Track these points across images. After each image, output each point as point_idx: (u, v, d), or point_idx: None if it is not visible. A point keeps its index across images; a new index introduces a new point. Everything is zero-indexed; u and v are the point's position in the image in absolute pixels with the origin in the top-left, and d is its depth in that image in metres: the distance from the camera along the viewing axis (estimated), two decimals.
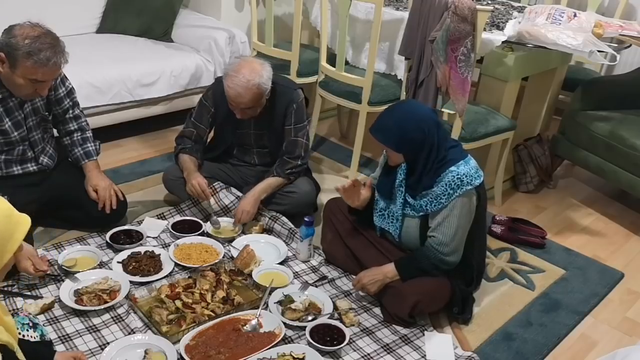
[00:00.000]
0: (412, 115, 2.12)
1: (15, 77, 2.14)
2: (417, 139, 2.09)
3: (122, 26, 3.83)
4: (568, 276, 2.67)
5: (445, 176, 2.10)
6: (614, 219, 3.21)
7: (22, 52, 2.08)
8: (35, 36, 2.10)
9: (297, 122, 2.68)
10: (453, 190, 2.09)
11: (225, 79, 2.49)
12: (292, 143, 2.69)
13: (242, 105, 2.50)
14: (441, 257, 2.15)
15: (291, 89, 2.68)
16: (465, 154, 2.18)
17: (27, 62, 2.09)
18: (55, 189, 2.47)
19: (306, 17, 3.74)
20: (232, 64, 2.53)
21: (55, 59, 2.13)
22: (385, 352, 2.10)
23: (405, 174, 2.19)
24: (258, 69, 2.49)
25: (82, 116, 2.59)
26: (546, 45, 2.74)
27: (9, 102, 2.26)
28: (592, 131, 3.19)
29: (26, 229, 1.40)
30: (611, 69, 4.18)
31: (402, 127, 2.09)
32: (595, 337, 2.35)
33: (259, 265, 2.43)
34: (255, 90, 2.47)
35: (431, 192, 2.13)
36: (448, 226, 2.12)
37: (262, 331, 2.08)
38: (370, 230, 2.42)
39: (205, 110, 2.73)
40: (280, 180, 2.69)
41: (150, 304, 2.15)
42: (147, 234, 2.58)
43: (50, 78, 2.20)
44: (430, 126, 2.10)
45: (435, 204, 2.13)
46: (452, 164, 2.11)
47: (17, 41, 2.08)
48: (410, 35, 2.88)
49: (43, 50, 2.09)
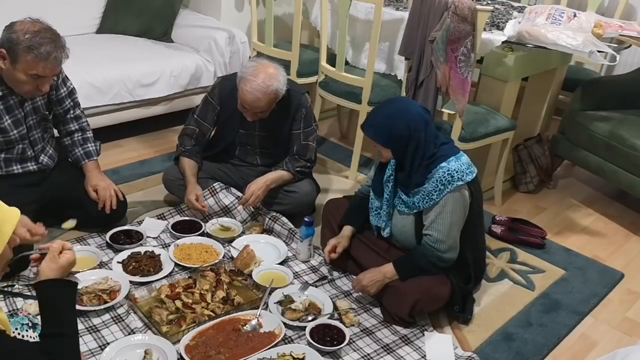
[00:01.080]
0: (400, 112, 2.14)
1: (16, 73, 2.14)
2: (404, 135, 2.12)
3: (122, 26, 3.83)
4: (568, 276, 2.67)
5: (435, 172, 2.12)
6: (614, 219, 3.21)
7: (23, 47, 2.09)
8: (35, 31, 2.11)
9: (307, 127, 2.70)
10: (444, 186, 2.10)
11: (241, 82, 2.48)
12: (303, 147, 2.70)
13: (257, 109, 2.51)
14: (438, 255, 2.16)
15: (299, 93, 2.68)
16: (457, 150, 2.20)
17: (28, 57, 2.09)
18: (55, 189, 2.47)
19: (306, 17, 3.74)
20: (249, 68, 2.51)
21: (56, 54, 2.14)
22: (385, 352, 2.10)
23: (394, 169, 2.21)
24: (275, 73, 2.50)
25: (82, 116, 2.60)
26: (546, 45, 2.74)
27: (10, 100, 2.26)
28: (592, 131, 3.19)
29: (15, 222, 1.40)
30: (611, 69, 4.18)
31: (389, 123, 2.12)
32: (595, 337, 2.35)
33: (259, 266, 2.43)
34: (273, 96, 2.49)
35: (423, 188, 2.15)
36: (441, 223, 2.14)
37: (262, 331, 2.08)
38: (368, 232, 2.43)
39: (211, 108, 2.73)
40: (289, 175, 2.69)
41: (150, 304, 2.15)
42: (147, 234, 2.58)
43: (51, 73, 2.19)
44: (417, 123, 2.12)
45: (427, 200, 2.15)
46: (443, 160, 2.13)
47: (17, 36, 2.09)
48: (410, 35, 2.88)
49: (44, 44, 2.10)
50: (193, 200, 2.61)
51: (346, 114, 3.88)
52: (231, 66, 3.69)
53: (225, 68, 3.67)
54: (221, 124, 2.76)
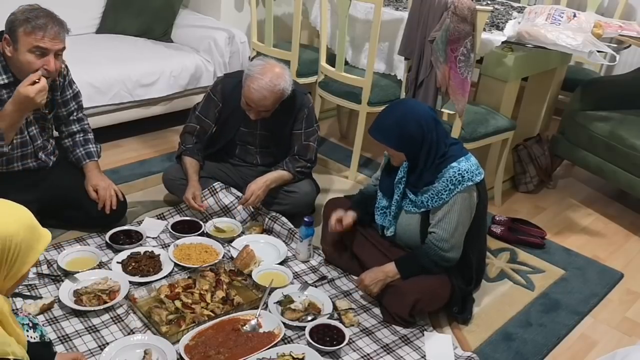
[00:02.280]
0: (410, 114, 2.13)
1: (20, 56, 2.15)
2: (417, 136, 2.10)
3: (121, 26, 3.83)
4: (568, 276, 2.67)
5: (446, 172, 2.11)
6: (614, 219, 3.21)
7: (20, 21, 2.13)
8: (31, 8, 2.17)
9: (308, 127, 2.70)
10: (454, 185, 2.10)
11: (248, 80, 2.49)
12: (304, 147, 2.70)
13: (262, 108, 2.51)
14: (441, 254, 2.16)
15: (302, 93, 2.69)
16: (466, 151, 2.19)
17: (27, 28, 2.12)
18: (55, 189, 2.46)
19: (306, 17, 3.74)
20: (256, 66, 2.51)
21: (53, 25, 2.16)
22: (385, 353, 2.10)
23: (406, 171, 2.20)
24: (282, 73, 2.51)
25: (84, 119, 2.61)
26: (546, 45, 2.74)
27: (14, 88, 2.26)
28: (591, 131, 3.19)
29: (47, 243, 1.43)
30: (611, 69, 4.18)
31: (401, 125, 2.11)
32: (595, 337, 2.35)
33: (258, 266, 2.43)
34: (279, 95, 2.50)
35: (432, 187, 2.14)
36: (448, 222, 2.13)
37: (262, 331, 2.08)
38: (371, 230, 2.43)
39: (213, 105, 2.72)
40: (289, 175, 2.69)
41: (150, 304, 2.15)
42: (146, 234, 2.58)
43: (52, 45, 2.17)
44: (428, 123, 2.11)
45: (436, 199, 2.14)
46: (453, 160, 2.12)
47: (15, 17, 2.15)
48: (409, 35, 2.88)
49: (40, 17, 2.14)
50: (190, 198, 2.61)
51: (346, 114, 3.88)
52: (231, 66, 3.69)
53: (225, 68, 3.67)
54: (223, 121, 2.75)
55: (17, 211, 1.39)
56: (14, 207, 1.40)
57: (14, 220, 1.36)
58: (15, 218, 1.37)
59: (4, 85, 2.24)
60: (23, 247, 1.34)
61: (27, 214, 1.40)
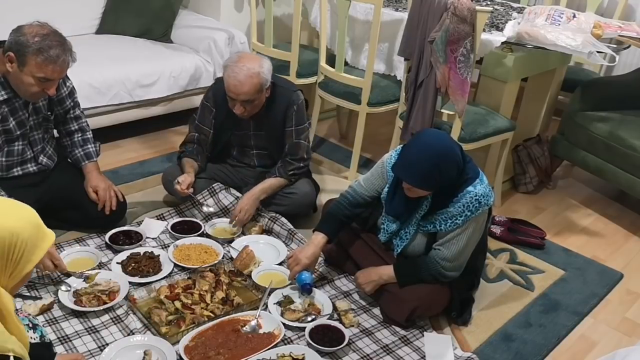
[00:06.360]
0: (445, 155, 2.00)
1: (23, 76, 2.14)
2: (454, 177, 2.03)
3: (121, 27, 3.83)
4: (567, 277, 2.67)
5: (462, 197, 2.04)
6: (613, 220, 3.21)
7: (32, 49, 2.08)
8: (44, 34, 2.11)
9: (298, 124, 2.68)
10: (471, 212, 2.05)
11: (225, 71, 2.50)
12: (294, 146, 2.69)
13: (241, 96, 2.48)
14: (442, 272, 2.13)
15: (291, 90, 2.67)
16: (477, 169, 2.11)
17: (38, 59, 2.09)
18: (54, 190, 2.47)
19: (305, 18, 3.74)
20: (231, 57, 2.54)
21: (64, 57, 2.14)
22: (385, 353, 2.10)
23: (430, 203, 2.11)
24: (258, 59, 2.52)
25: (82, 117, 2.60)
26: (545, 46, 2.74)
27: (14, 102, 2.27)
28: (591, 132, 3.19)
29: (51, 242, 1.43)
30: (610, 70, 4.18)
31: (441, 170, 1.99)
32: (595, 337, 2.35)
33: (258, 266, 2.43)
34: (256, 80, 2.46)
35: (446, 211, 2.08)
36: (456, 243, 2.10)
37: (262, 332, 2.08)
38: (370, 234, 2.41)
39: (207, 111, 2.73)
40: (281, 181, 2.69)
41: (150, 305, 2.15)
42: (146, 235, 2.58)
43: (59, 76, 2.19)
44: (459, 160, 2.03)
45: (450, 223, 2.08)
46: (469, 184, 2.05)
47: (26, 39, 2.09)
48: (409, 36, 2.88)
49: (53, 47, 2.10)
50: (175, 183, 2.60)
51: (346, 115, 3.88)
52: None
53: None
54: (217, 125, 2.75)
55: (23, 209, 1.40)
56: (20, 205, 1.42)
57: (20, 218, 1.36)
58: (22, 216, 1.38)
59: (3, 102, 2.24)
60: (29, 245, 1.35)
61: (33, 212, 1.41)
